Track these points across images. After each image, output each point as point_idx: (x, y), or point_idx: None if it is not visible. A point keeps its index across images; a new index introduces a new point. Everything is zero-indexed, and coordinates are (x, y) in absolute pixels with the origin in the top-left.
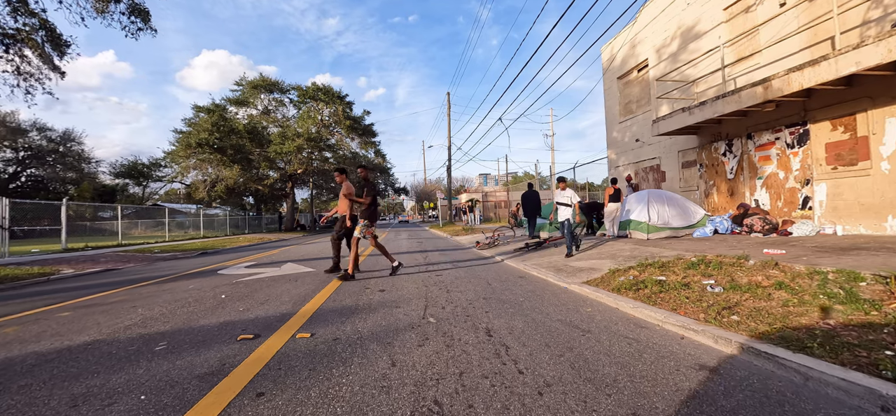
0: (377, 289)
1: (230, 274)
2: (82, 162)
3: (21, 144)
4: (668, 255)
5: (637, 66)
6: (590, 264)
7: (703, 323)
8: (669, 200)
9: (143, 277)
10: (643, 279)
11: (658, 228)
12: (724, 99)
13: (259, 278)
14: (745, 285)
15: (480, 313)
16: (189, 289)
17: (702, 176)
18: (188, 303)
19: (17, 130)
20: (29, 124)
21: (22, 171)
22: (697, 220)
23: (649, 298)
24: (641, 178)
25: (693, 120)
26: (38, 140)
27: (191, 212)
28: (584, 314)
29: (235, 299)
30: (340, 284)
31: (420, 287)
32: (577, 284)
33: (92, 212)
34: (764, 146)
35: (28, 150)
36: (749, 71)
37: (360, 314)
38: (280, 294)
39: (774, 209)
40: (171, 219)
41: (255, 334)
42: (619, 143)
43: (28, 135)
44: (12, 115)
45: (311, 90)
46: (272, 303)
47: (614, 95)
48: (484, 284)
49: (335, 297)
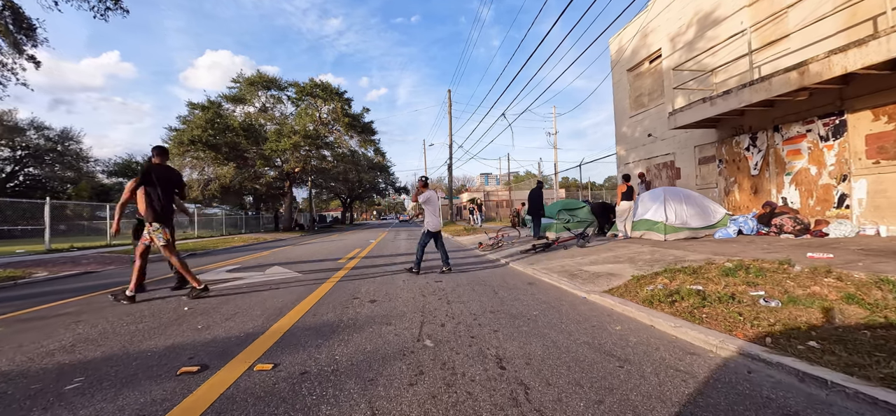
0: (367, 299)
1: (208, 279)
2: (80, 161)
3: (18, 143)
4: (695, 258)
5: (649, 56)
6: (607, 269)
7: (776, 352)
8: (687, 198)
9: (115, 282)
10: (677, 289)
11: (676, 228)
12: (751, 87)
13: (237, 284)
14: (803, 298)
15: (488, 332)
16: (153, 299)
17: (721, 172)
18: (141, 318)
19: (14, 128)
20: (26, 123)
21: (20, 170)
22: (718, 219)
23: (690, 313)
24: (654, 175)
25: (714, 111)
26: (35, 139)
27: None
28: (615, 335)
29: (198, 313)
30: (325, 293)
31: (416, 297)
32: (597, 293)
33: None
34: (793, 139)
35: (25, 149)
36: (776, 57)
37: (342, 335)
38: (253, 306)
39: (805, 208)
40: None
41: (201, 366)
42: (629, 138)
43: (25, 134)
44: (10, 113)
45: (308, 87)
46: (240, 318)
47: (624, 88)
48: (489, 292)
49: (316, 310)
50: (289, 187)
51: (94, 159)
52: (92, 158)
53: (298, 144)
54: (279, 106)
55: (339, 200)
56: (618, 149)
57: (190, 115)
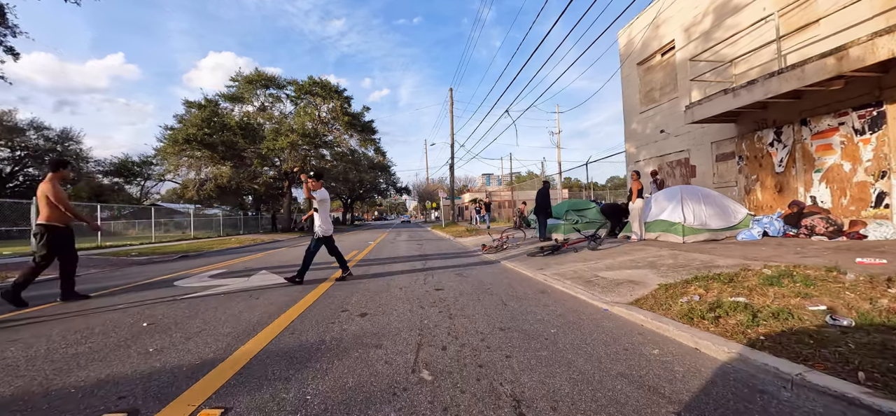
0: (357, 312)
1: (185, 286)
2: (80, 162)
3: (18, 144)
4: (725, 264)
5: (661, 48)
6: (627, 276)
7: (881, 396)
8: (705, 197)
9: (89, 289)
10: (718, 302)
11: (695, 230)
12: (780, 76)
13: (213, 293)
14: (878, 315)
15: (499, 359)
16: (113, 311)
17: (741, 170)
18: (89, 336)
19: (14, 128)
20: (26, 123)
21: (19, 170)
22: (739, 220)
23: (743, 334)
24: (667, 173)
25: (737, 103)
26: (35, 139)
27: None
28: (656, 363)
29: (157, 331)
30: (311, 304)
31: (414, 309)
32: (622, 305)
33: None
34: (824, 133)
35: (25, 149)
36: (803, 45)
37: (320, 362)
38: (224, 321)
39: (837, 207)
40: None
41: (129, 412)
42: (639, 135)
43: (25, 134)
44: (10, 114)
45: (307, 85)
46: (204, 337)
47: (633, 82)
48: (497, 303)
49: (296, 326)
50: (288, 188)
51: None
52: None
53: (296, 142)
54: (278, 105)
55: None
56: (627, 146)
57: (187, 113)
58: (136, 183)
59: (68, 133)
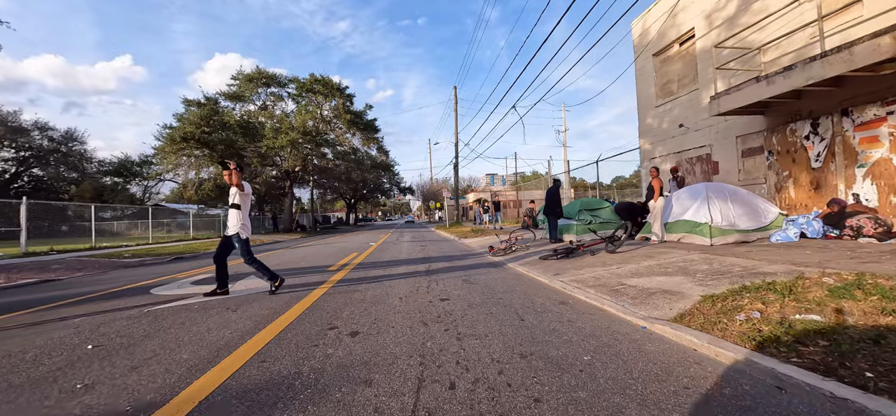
0: (347, 330)
1: (160, 295)
2: (84, 162)
3: (22, 144)
4: (772, 270)
5: (679, 38)
6: (659, 284)
7: None
8: (733, 195)
9: (61, 296)
10: (785, 320)
11: (723, 230)
12: (823, 60)
13: (188, 303)
14: None
15: (524, 403)
16: (65, 327)
17: (771, 166)
18: (18, 364)
19: (18, 129)
20: (31, 124)
21: (24, 171)
22: (771, 220)
23: (845, 365)
24: (686, 170)
25: (771, 92)
26: (39, 140)
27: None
28: (735, 410)
29: (99, 357)
30: (294, 320)
31: (415, 326)
32: (663, 322)
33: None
34: (868, 124)
35: (29, 150)
36: (843, 28)
37: (289, 409)
38: (186, 342)
39: (884, 206)
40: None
41: None
42: (654, 130)
43: (30, 134)
44: (14, 114)
45: (309, 83)
46: (152, 366)
47: (648, 75)
48: (513, 318)
49: (271, 351)
50: (289, 187)
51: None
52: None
53: (296, 140)
54: (280, 104)
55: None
56: (641, 142)
57: (186, 112)
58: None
59: (72, 133)
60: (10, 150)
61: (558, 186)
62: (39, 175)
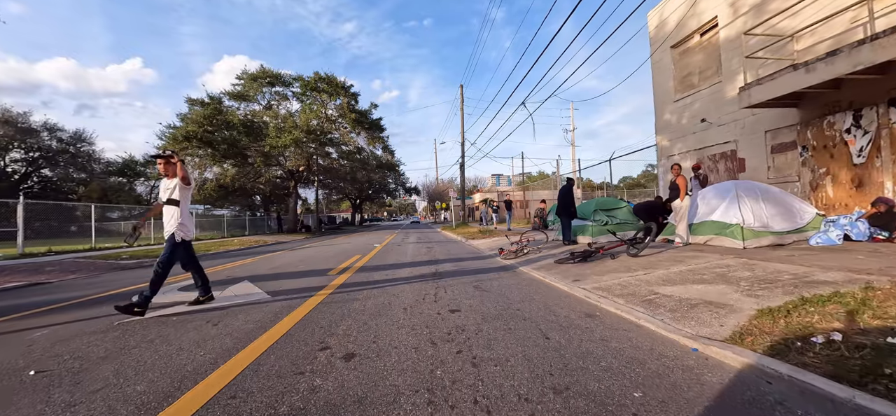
0: (341, 352)
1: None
2: (93, 163)
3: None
4: (831, 279)
5: (700, 28)
6: (699, 294)
7: None
8: (765, 193)
9: (41, 302)
10: (880, 345)
11: (757, 232)
12: (874, 44)
13: (166, 314)
14: None
15: None
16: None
17: (806, 162)
18: None
19: (27, 130)
20: (40, 125)
21: (33, 172)
22: (807, 221)
23: None
24: (709, 168)
25: (811, 81)
26: (47, 141)
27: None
28: None
29: (41, 387)
30: (281, 337)
31: (422, 345)
32: (718, 344)
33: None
34: None
35: (39, 151)
36: (890, 9)
37: None
38: (147, 367)
39: None
40: None
41: None
42: (673, 126)
43: (39, 135)
44: (24, 116)
45: (313, 81)
46: (97, 402)
47: (666, 68)
48: (536, 335)
49: (246, 381)
50: (294, 187)
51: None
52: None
53: (300, 139)
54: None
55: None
56: (658, 139)
57: (189, 111)
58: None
59: (81, 134)
60: (20, 151)
61: (571, 185)
62: (48, 176)
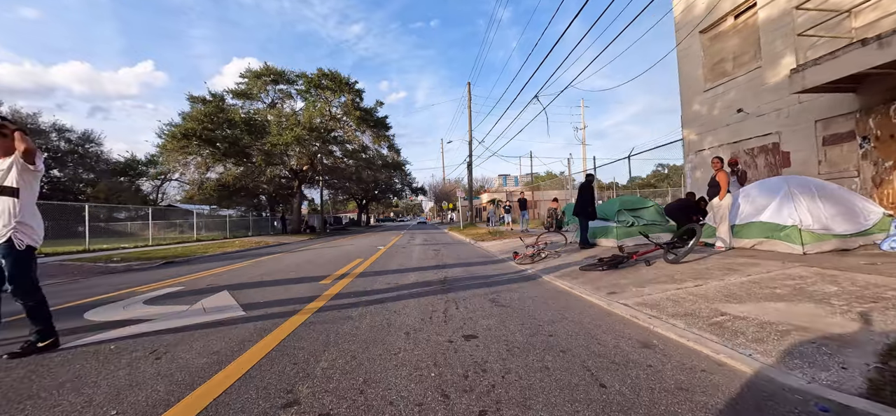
0: (315, 409)
1: (90, 321)
2: (101, 163)
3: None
4: None
5: (735, 9)
6: (777, 314)
7: None
8: (820, 190)
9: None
10: None
11: (817, 235)
12: None
13: (110, 339)
14: None
15: None
16: None
17: (867, 155)
18: None
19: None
20: (48, 126)
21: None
22: (874, 222)
23: None
24: (746, 163)
25: (884, 58)
26: (56, 142)
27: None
28: None
29: None
30: (245, 373)
31: (428, 401)
32: (857, 398)
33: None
34: None
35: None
36: None
37: None
38: None
39: None
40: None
41: None
42: (702, 118)
43: (48, 136)
44: (34, 117)
45: (317, 78)
46: None
47: (694, 56)
48: (588, 383)
49: None
50: (298, 187)
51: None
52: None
53: (302, 136)
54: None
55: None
56: (685, 133)
57: (191, 109)
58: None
59: (89, 135)
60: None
61: (591, 182)
62: (57, 176)
